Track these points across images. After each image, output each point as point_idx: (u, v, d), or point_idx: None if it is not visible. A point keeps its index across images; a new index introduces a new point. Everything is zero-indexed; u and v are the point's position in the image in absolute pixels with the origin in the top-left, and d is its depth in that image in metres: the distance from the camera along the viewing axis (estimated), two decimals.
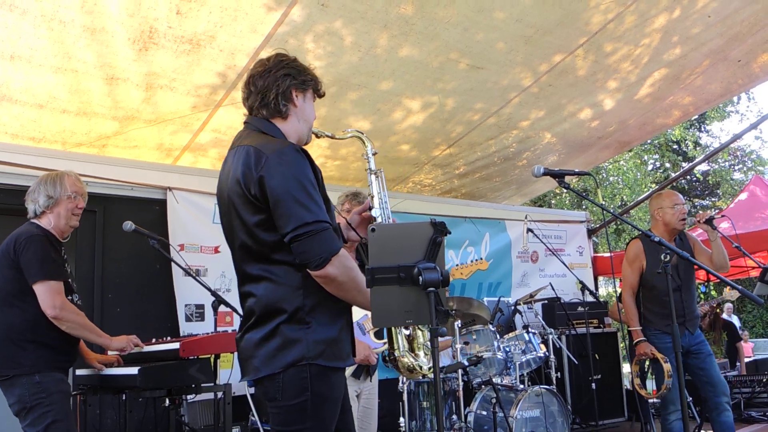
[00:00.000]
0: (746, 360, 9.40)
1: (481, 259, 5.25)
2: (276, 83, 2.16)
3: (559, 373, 5.99)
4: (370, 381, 3.96)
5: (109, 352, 3.72)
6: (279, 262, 2.02)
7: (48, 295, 3.00)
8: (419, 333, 2.32)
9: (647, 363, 4.22)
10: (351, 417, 2.30)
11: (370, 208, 2.43)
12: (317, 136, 2.38)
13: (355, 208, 3.70)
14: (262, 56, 4.26)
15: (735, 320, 12.93)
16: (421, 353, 2.32)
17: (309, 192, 1.98)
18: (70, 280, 3.23)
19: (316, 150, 5.75)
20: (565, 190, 3.12)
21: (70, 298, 3.13)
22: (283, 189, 1.96)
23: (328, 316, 2.04)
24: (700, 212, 4.27)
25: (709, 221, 4.11)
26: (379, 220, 2.39)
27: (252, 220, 2.02)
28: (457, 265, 5.01)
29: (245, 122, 2.24)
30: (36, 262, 3.02)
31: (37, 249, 3.04)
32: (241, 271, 2.12)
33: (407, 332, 2.30)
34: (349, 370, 3.55)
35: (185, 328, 4.99)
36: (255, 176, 1.99)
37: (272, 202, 1.97)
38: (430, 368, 2.30)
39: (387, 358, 2.31)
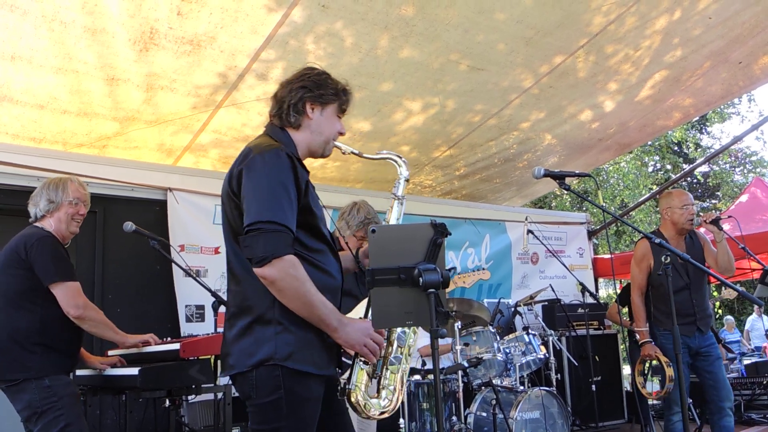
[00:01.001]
0: (748, 362, 9.40)
1: (484, 269, 5.26)
2: (290, 94, 2.23)
3: (559, 375, 5.99)
4: None
5: (110, 352, 3.72)
6: None
7: (70, 296, 3.01)
8: (388, 374, 2.22)
9: (647, 364, 4.22)
10: (347, 419, 2.26)
11: None
12: (342, 152, 2.40)
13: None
14: (263, 57, 4.30)
15: (765, 321, 12.89)
16: (384, 394, 2.20)
17: (276, 194, 1.98)
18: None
19: None
20: (565, 192, 3.12)
21: None
22: (251, 186, 2.00)
23: (299, 319, 2.00)
24: (704, 213, 4.23)
25: (715, 221, 4.07)
26: None
27: (233, 213, 2.08)
28: (459, 273, 5.01)
29: (264, 127, 2.32)
30: (52, 264, 3.01)
31: (51, 250, 3.04)
32: (227, 266, 2.17)
33: (366, 368, 2.19)
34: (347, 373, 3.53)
35: (185, 328, 4.99)
36: (236, 172, 2.07)
37: (242, 198, 2.02)
38: (381, 413, 2.19)
39: (339, 389, 2.21)
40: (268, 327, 1.99)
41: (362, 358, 2.16)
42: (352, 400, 2.15)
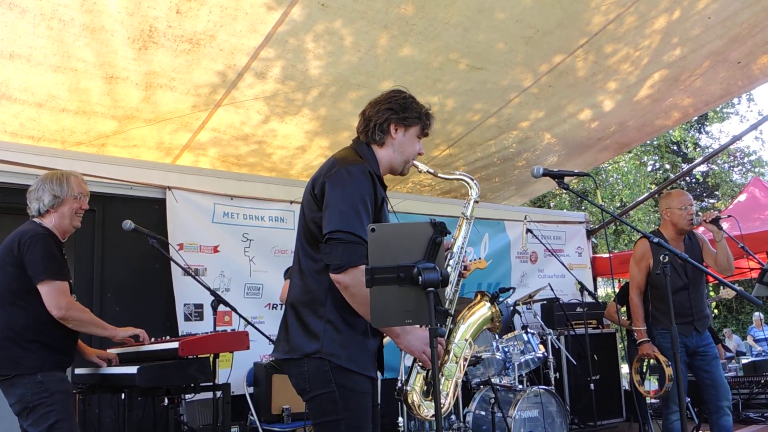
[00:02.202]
0: (745, 361, 9.42)
1: (480, 258, 5.26)
2: (378, 114, 2.40)
3: (557, 374, 5.99)
4: None
5: (109, 350, 3.72)
6: (319, 261, 2.21)
7: (53, 295, 2.99)
8: (442, 380, 2.45)
9: (645, 363, 4.23)
10: (377, 412, 2.40)
11: (448, 249, 2.57)
12: (418, 170, 2.59)
13: None
14: (262, 56, 4.30)
15: None
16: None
17: (356, 207, 2.16)
18: (70, 280, 3.22)
19: (316, 149, 5.74)
20: (564, 191, 3.13)
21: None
22: (336, 197, 2.17)
23: (347, 320, 2.20)
24: (706, 212, 4.23)
25: (715, 221, 4.08)
26: (451, 261, 2.53)
27: (310, 215, 2.28)
28: None
29: (352, 141, 2.51)
30: (41, 262, 2.99)
31: (42, 248, 3.02)
32: (294, 260, 2.37)
33: (423, 372, 2.43)
34: None
35: (184, 327, 4.99)
36: (321, 180, 2.25)
37: (324, 205, 2.20)
38: (432, 416, 2.39)
39: (397, 389, 2.45)
40: (319, 322, 2.19)
41: (420, 364, 2.39)
42: (408, 401, 2.40)
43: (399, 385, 2.42)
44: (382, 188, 2.37)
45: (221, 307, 4.04)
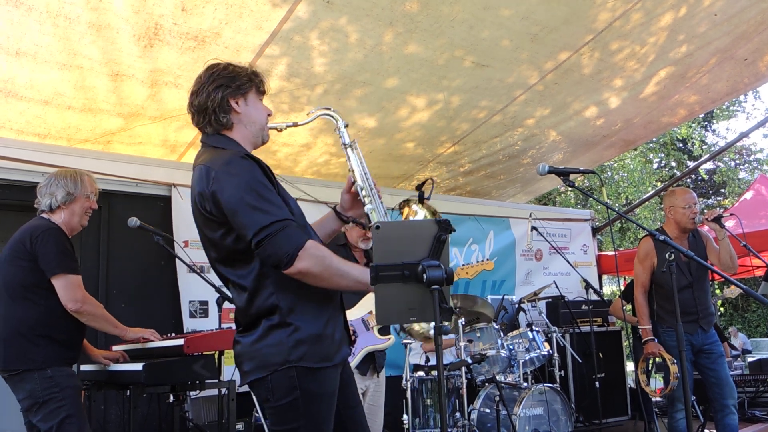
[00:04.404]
0: (751, 359, 9.39)
1: (487, 259, 5.26)
2: (209, 98, 2.16)
3: (562, 372, 5.98)
4: (377, 377, 3.95)
5: (114, 347, 3.74)
6: (248, 269, 2.06)
7: (69, 289, 3.02)
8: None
9: (651, 362, 4.22)
10: (361, 412, 2.30)
11: (353, 183, 2.35)
12: (279, 130, 2.36)
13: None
14: (267, 53, 4.30)
15: None
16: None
17: (262, 195, 2.00)
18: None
19: (321, 147, 5.75)
20: (569, 189, 3.12)
21: None
22: (235, 199, 1.98)
23: (308, 314, 2.06)
24: (709, 210, 4.23)
25: (717, 219, 4.08)
26: (363, 192, 2.30)
27: (215, 235, 2.08)
28: (462, 265, 5.02)
29: (201, 141, 2.26)
30: (55, 256, 3.02)
31: (56, 242, 3.05)
32: (221, 275, 2.19)
33: None
34: (352, 365, 3.54)
35: (189, 324, 5.00)
36: (208, 193, 2.03)
37: (229, 215, 2.00)
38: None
39: (401, 327, 2.27)
40: (279, 330, 2.03)
41: None
42: (412, 329, 2.26)
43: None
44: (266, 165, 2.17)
45: (226, 304, 4.05)
